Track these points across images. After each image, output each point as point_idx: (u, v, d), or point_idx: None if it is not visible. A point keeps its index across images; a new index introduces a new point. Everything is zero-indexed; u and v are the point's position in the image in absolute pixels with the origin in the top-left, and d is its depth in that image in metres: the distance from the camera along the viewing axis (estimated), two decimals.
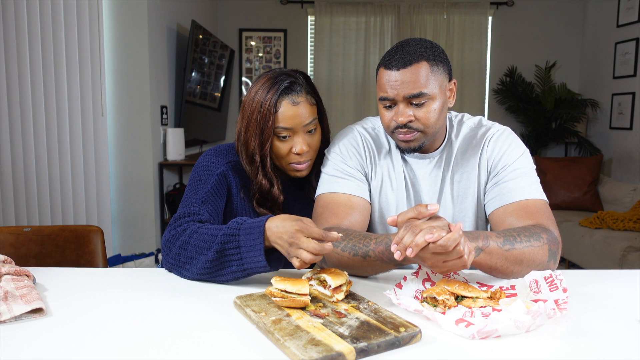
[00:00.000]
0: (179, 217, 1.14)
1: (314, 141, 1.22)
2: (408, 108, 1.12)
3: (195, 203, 1.16)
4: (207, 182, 1.20)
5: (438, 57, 1.13)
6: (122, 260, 2.89)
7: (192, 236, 1.05)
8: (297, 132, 1.18)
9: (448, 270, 0.90)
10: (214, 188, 1.20)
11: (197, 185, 1.21)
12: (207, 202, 1.17)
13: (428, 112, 1.12)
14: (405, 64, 1.10)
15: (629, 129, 4.20)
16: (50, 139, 2.63)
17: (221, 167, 1.23)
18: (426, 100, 1.11)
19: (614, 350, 0.74)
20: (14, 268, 1.00)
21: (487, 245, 0.96)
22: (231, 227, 1.00)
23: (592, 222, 3.54)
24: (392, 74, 1.11)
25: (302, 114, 1.17)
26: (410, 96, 1.10)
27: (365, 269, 1.04)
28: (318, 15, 4.89)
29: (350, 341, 0.72)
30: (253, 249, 0.96)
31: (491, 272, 1.01)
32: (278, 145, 1.20)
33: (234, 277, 1.01)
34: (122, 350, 0.73)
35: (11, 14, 2.44)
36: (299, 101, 1.17)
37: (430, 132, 1.15)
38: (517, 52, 4.93)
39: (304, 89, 1.19)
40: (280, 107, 1.16)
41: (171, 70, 3.52)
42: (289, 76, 1.19)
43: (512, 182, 1.15)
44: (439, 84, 1.12)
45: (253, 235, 0.97)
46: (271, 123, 1.16)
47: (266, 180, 1.22)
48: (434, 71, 1.11)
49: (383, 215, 1.24)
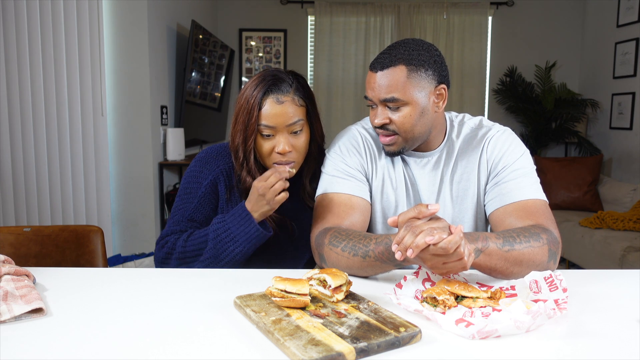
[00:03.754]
0: (167, 234, 1.24)
1: (299, 143, 1.20)
2: (385, 110, 1.13)
3: (183, 221, 1.25)
4: (195, 195, 1.26)
5: (422, 62, 1.11)
6: (122, 260, 2.89)
7: (185, 246, 1.17)
8: (280, 131, 1.17)
9: (448, 271, 0.90)
10: (201, 201, 1.26)
11: (186, 198, 1.27)
12: (193, 219, 1.25)
13: (403, 116, 1.12)
14: (382, 66, 1.11)
15: (629, 129, 4.20)
16: (50, 139, 2.63)
17: (209, 177, 1.26)
18: (401, 105, 1.11)
19: (614, 350, 0.74)
20: (14, 268, 1.00)
21: (486, 246, 0.96)
22: (217, 219, 1.16)
23: (592, 222, 3.54)
24: (372, 75, 1.13)
25: (286, 113, 1.16)
26: (384, 100, 1.11)
27: (365, 269, 1.04)
28: (318, 15, 4.89)
29: (350, 341, 0.72)
30: (243, 222, 1.12)
31: (491, 273, 1.01)
32: (262, 143, 1.20)
33: (235, 255, 1.14)
34: (122, 350, 0.73)
35: (11, 14, 2.44)
36: (283, 100, 1.17)
37: (409, 137, 1.15)
38: (517, 52, 4.93)
39: (292, 88, 1.18)
40: (264, 105, 1.16)
41: (171, 70, 3.52)
42: (277, 75, 1.19)
43: (512, 182, 1.14)
44: (418, 89, 1.11)
45: (237, 212, 1.14)
46: (254, 120, 1.16)
47: (250, 176, 1.23)
48: (412, 76, 1.10)
49: (384, 215, 1.24)
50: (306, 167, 1.30)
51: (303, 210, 1.32)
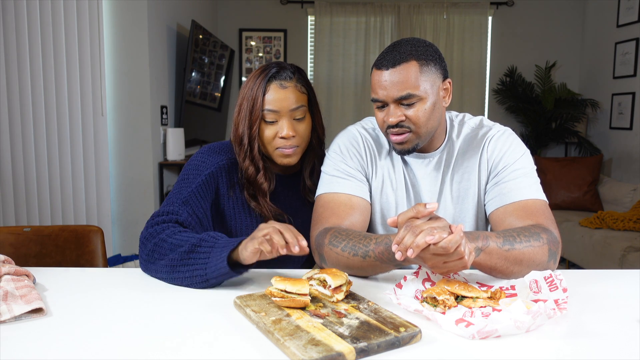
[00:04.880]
0: (158, 214, 1.16)
1: (302, 128, 1.24)
2: (398, 108, 1.12)
3: (177, 202, 1.18)
4: (193, 182, 1.22)
5: (430, 57, 1.12)
6: (122, 260, 2.89)
7: (170, 236, 1.07)
8: (284, 115, 1.21)
9: (448, 271, 0.90)
10: (198, 189, 1.21)
11: (183, 183, 1.23)
12: (188, 203, 1.18)
13: (418, 111, 1.12)
14: (394, 63, 1.10)
15: (629, 129, 4.20)
16: (50, 139, 2.63)
17: (210, 168, 1.24)
18: (416, 100, 1.11)
19: (614, 350, 0.74)
20: (14, 268, 1.00)
21: (486, 245, 0.96)
22: (210, 235, 1.03)
23: (592, 222, 3.54)
24: (382, 74, 1.11)
25: (289, 98, 1.21)
26: (399, 98, 1.11)
27: (365, 269, 1.04)
28: (318, 15, 4.89)
29: (350, 341, 0.72)
30: (224, 250, 0.98)
31: (491, 273, 1.01)
32: (265, 129, 1.23)
33: (193, 277, 1.00)
34: (122, 350, 0.73)
35: (11, 14, 2.44)
36: (287, 85, 1.21)
37: (423, 132, 1.14)
38: (517, 52, 4.93)
39: (294, 77, 1.23)
40: (268, 90, 1.21)
41: (171, 70, 3.52)
42: (280, 64, 1.25)
43: (512, 182, 1.14)
44: (430, 84, 1.12)
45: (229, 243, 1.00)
46: (259, 105, 1.20)
47: (253, 166, 1.24)
48: (424, 71, 1.10)
49: (384, 216, 1.24)
50: (306, 159, 1.32)
51: (302, 206, 1.33)
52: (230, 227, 1.27)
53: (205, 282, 0.99)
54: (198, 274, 0.99)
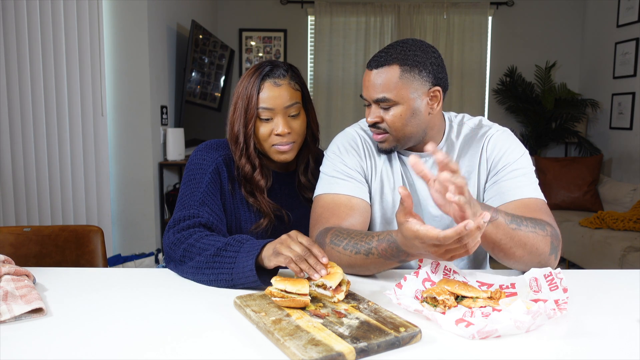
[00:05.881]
0: (180, 219, 1.16)
1: (297, 125, 1.25)
2: (377, 109, 1.15)
3: (194, 205, 1.18)
4: (202, 181, 1.23)
5: (417, 62, 1.11)
6: (122, 260, 2.89)
7: (199, 240, 1.09)
8: (278, 113, 1.22)
9: (452, 257, 0.87)
10: (209, 187, 1.23)
11: (192, 184, 1.23)
12: (205, 203, 1.20)
13: (394, 116, 1.13)
14: (377, 65, 1.12)
15: (629, 129, 4.20)
16: (50, 139, 2.63)
17: (213, 164, 1.26)
18: (392, 104, 1.13)
19: (614, 350, 0.74)
20: (14, 268, 1.00)
21: (495, 218, 0.96)
22: (236, 239, 1.05)
23: (592, 222, 3.54)
24: (368, 73, 1.15)
25: (283, 95, 1.22)
26: (376, 100, 1.13)
27: (368, 267, 1.04)
28: (318, 15, 4.89)
29: (350, 341, 0.72)
30: (249, 255, 0.99)
31: (493, 250, 1.01)
32: (260, 127, 1.24)
33: (219, 278, 1.01)
34: (122, 350, 0.73)
35: (11, 14, 2.44)
36: (280, 83, 1.22)
37: (400, 136, 1.16)
38: (517, 52, 4.93)
39: (287, 74, 1.24)
40: (262, 89, 1.22)
41: (171, 70, 3.52)
42: (273, 62, 1.26)
43: (512, 181, 1.14)
44: (410, 90, 1.11)
45: (254, 246, 1.01)
46: (254, 103, 1.22)
47: (249, 164, 1.26)
48: (405, 77, 1.11)
49: (384, 217, 1.24)
50: (300, 156, 1.34)
51: (299, 202, 1.35)
52: (229, 221, 1.28)
53: (232, 286, 1.01)
54: (223, 278, 1.01)
